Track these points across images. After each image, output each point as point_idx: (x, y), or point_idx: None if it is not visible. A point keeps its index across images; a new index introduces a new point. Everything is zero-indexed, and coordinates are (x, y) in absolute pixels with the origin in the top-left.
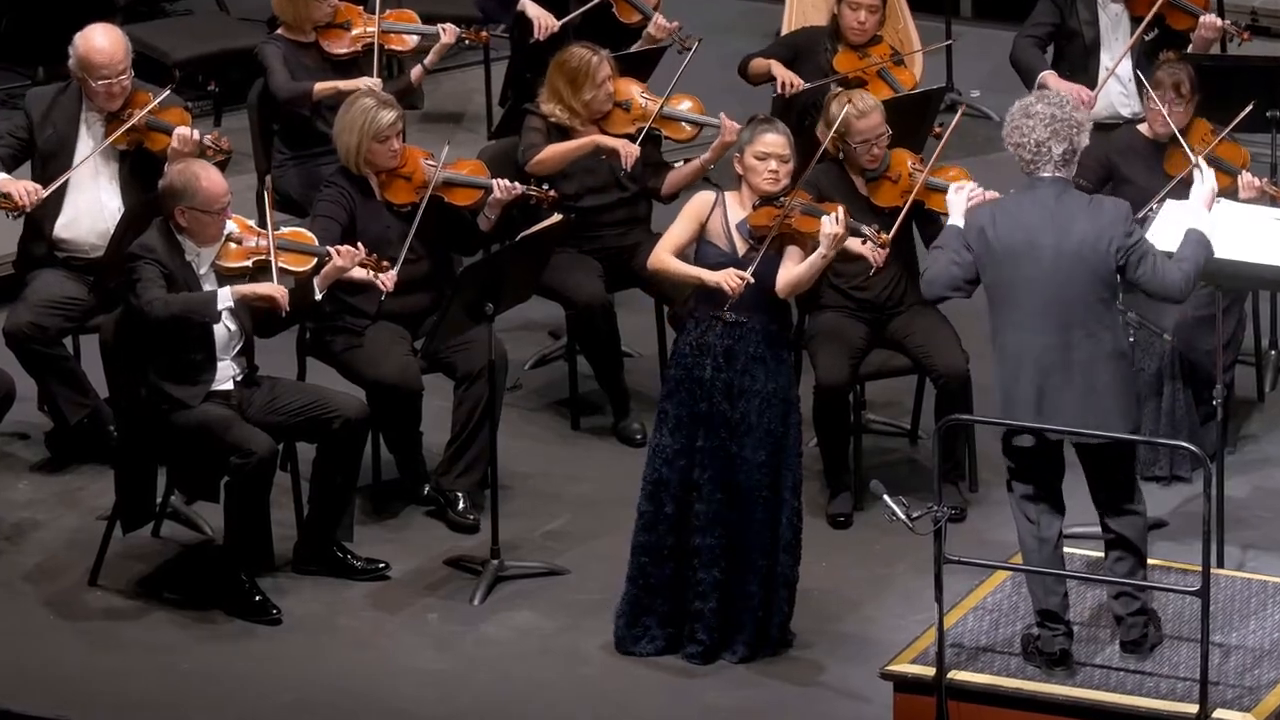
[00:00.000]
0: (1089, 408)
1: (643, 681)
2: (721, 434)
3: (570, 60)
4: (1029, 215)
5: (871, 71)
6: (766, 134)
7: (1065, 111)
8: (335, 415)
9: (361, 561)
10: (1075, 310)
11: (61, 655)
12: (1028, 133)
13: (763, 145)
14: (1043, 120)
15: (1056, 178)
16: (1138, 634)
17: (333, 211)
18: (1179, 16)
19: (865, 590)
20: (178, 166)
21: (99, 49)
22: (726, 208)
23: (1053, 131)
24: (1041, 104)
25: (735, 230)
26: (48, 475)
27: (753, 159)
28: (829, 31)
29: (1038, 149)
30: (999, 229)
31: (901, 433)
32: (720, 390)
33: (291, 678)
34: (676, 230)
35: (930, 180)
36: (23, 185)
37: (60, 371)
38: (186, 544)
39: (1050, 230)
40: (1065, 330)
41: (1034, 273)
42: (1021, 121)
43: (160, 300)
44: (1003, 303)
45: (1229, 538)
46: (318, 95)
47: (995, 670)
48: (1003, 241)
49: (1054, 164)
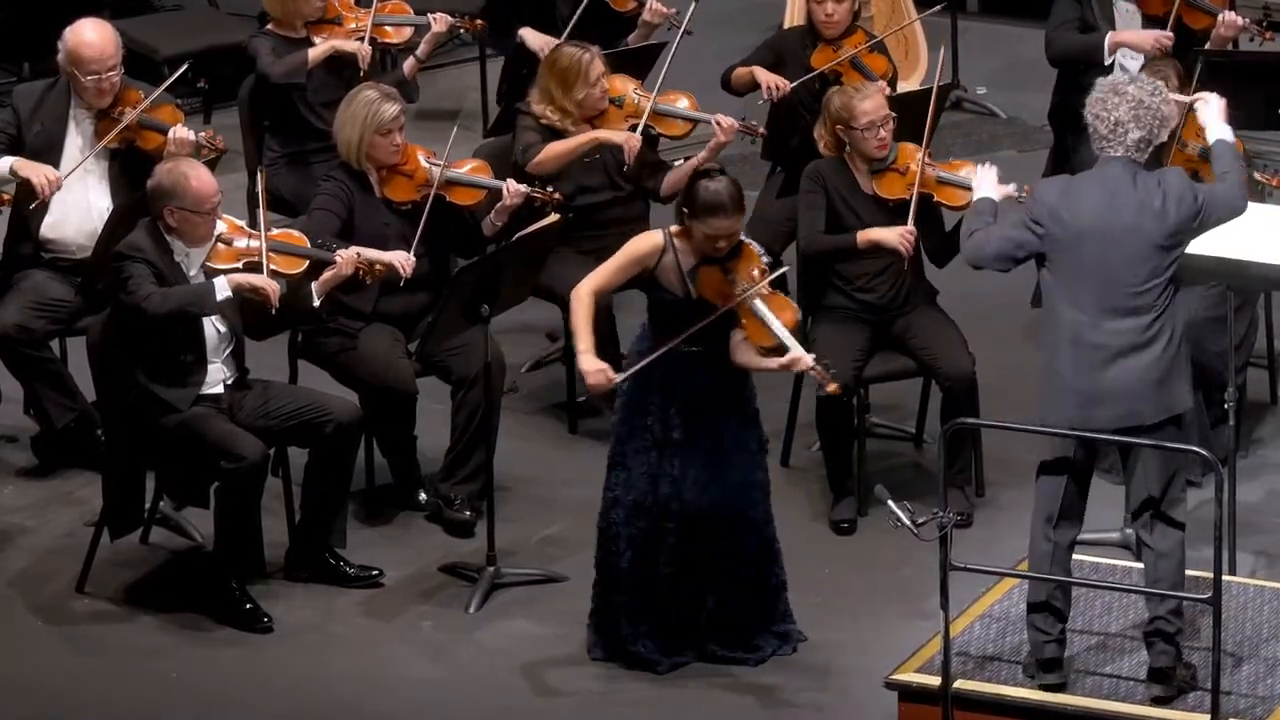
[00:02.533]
0: (1153, 392)
1: (642, 691)
2: (677, 462)
3: (561, 60)
4: (1098, 196)
5: (845, 63)
6: (715, 220)
7: (1155, 101)
8: (328, 419)
9: (354, 568)
10: (1145, 295)
11: (48, 663)
12: (1110, 109)
13: (711, 230)
14: (1129, 101)
15: (1129, 159)
16: (1168, 662)
17: (331, 205)
18: (1196, 16)
19: (869, 597)
20: (166, 166)
21: (89, 43)
22: (678, 252)
23: (1135, 116)
24: (1134, 86)
25: (687, 279)
26: (34, 480)
27: (702, 235)
28: (807, 29)
29: (1114, 128)
30: (1072, 208)
31: (906, 436)
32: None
33: (282, 687)
34: (613, 267)
35: (940, 173)
36: (42, 171)
37: (47, 374)
38: (175, 550)
39: (1123, 212)
40: (1132, 315)
41: (1105, 256)
42: (1107, 95)
43: (157, 295)
44: (1064, 287)
45: (1241, 544)
46: (313, 61)
47: (1002, 680)
48: (1076, 222)
49: (1125, 147)
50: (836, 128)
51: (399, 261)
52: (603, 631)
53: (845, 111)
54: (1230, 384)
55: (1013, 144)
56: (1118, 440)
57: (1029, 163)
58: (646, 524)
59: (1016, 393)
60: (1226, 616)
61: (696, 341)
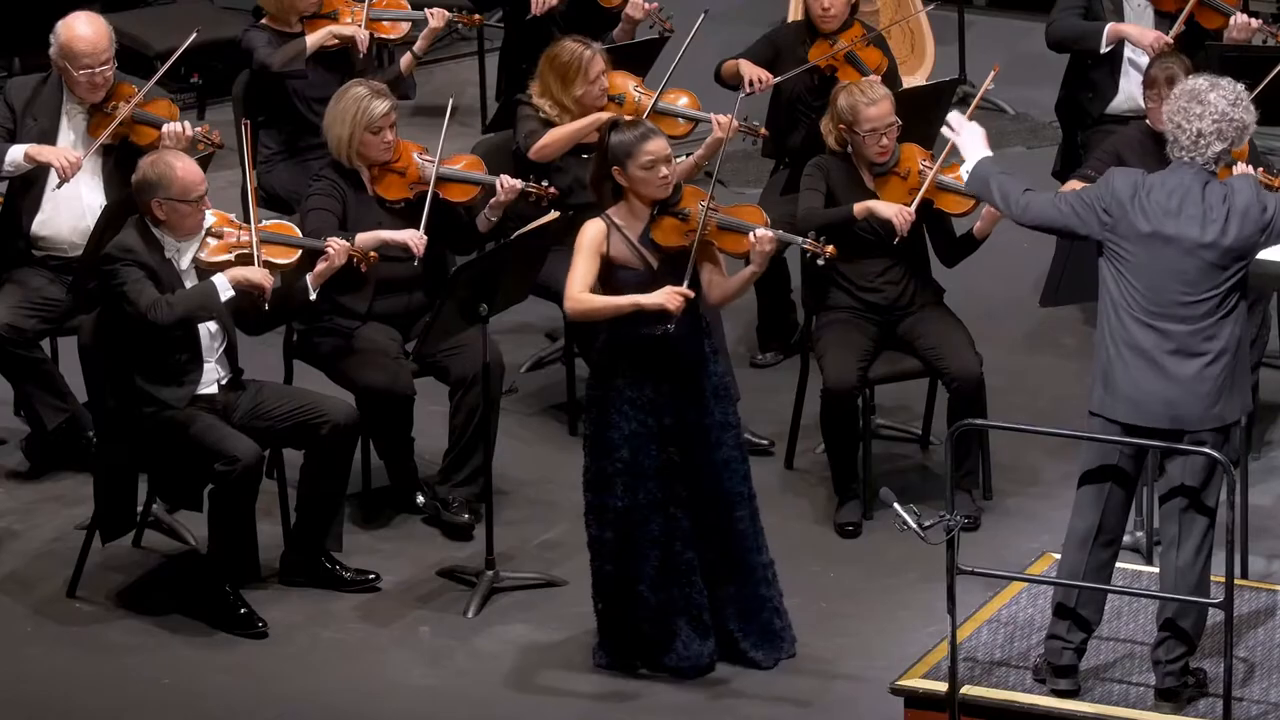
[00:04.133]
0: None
1: (642, 697)
2: (671, 448)
3: (561, 55)
4: (1167, 201)
5: (840, 57)
6: (647, 143)
7: (1237, 112)
8: (323, 420)
9: (350, 572)
10: (1198, 305)
11: (38, 669)
12: (1193, 119)
13: (648, 155)
14: (1213, 114)
15: (1202, 168)
16: (1174, 682)
17: (326, 204)
18: (1209, 15)
19: (874, 602)
20: (150, 158)
21: (82, 36)
22: (622, 227)
23: (1218, 130)
24: (1216, 93)
25: (641, 246)
26: (24, 482)
27: (640, 171)
28: (805, 23)
29: (1196, 139)
30: (1141, 206)
31: (912, 438)
32: (663, 405)
33: (277, 693)
34: (581, 268)
35: (940, 179)
36: (62, 154)
37: (38, 375)
38: (168, 554)
39: (1186, 224)
40: (1182, 322)
41: (1160, 264)
42: (1190, 104)
43: (163, 303)
44: (1120, 280)
45: (1253, 547)
46: (311, 48)
47: (1010, 685)
48: (1142, 222)
49: (1205, 159)
50: (840, 126)
51: (411, 240)
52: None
53: (850, 113)
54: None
55: (1021, 140)
56: (1126, 441)
57: (1038, 158)
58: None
59: (1024, 394)
60: (1238, 621)
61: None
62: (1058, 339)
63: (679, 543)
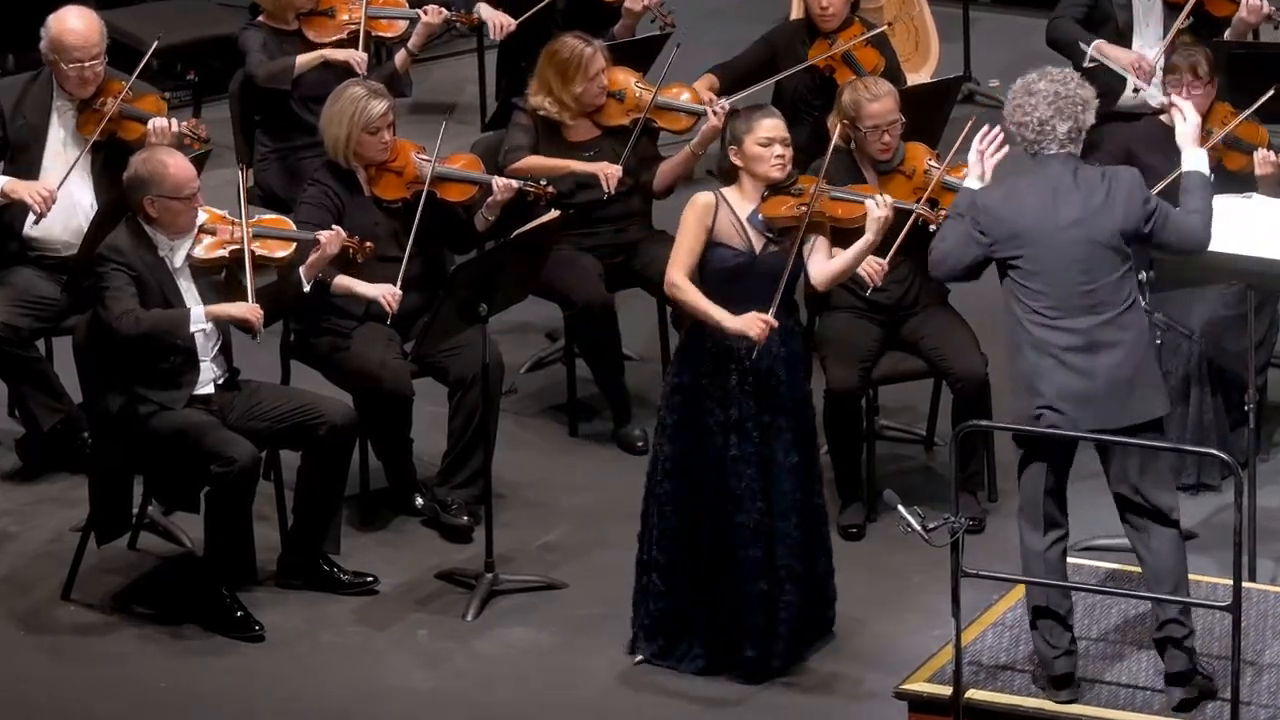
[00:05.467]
0: (1122, 395)
1: (644, 701)
2: (755, 438)
3: (561, 51)
4: (1042, 196)
5: (837, 56)
6: (765, 119)
7: (1069, 89)
8: (321, 421)
9: (348, 575)
10: (1099, 292)
11: (32, 673)
12: (1030, 111)
13: (764, 131)
14: (1045, 98)
15: (1067, 154)
16: (1184, 665)
17: (314, 215)
18: (1219, 3)
19: (878, 605)
20: (142, 155)
21: (73, 30)
22: (731, 204)
23: (1056, 110)
24: (1045, 81)
25: (748, 225)
26: (19, 484)
27: (756, 147)
28: (805, 22)
29: (1041, 128)
30: (1014, 210)
31: (916, 439)
32: (746, 396)
33: (274, 697)
34: (685, 244)
35: (946, 179)
36: (35, 189)
37: (32, 374)
38: (164, 556)
39: (1067, 209)
40: (1089, 313)
41: (1053, 256)
42: (1024, 100)
43: (131, 316)
44: (1020, 290)
45: (1261, 550)
46: (300, 68)
47: (1015, 689)
48: (1019, 223)
49: (1058, 142)
50: (845, 122)
51: (384, 298)
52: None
53: (853, 109)
54: (1250, 385)
55: None
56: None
57: None
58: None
59: None
60: (1246, 624)
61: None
62: None
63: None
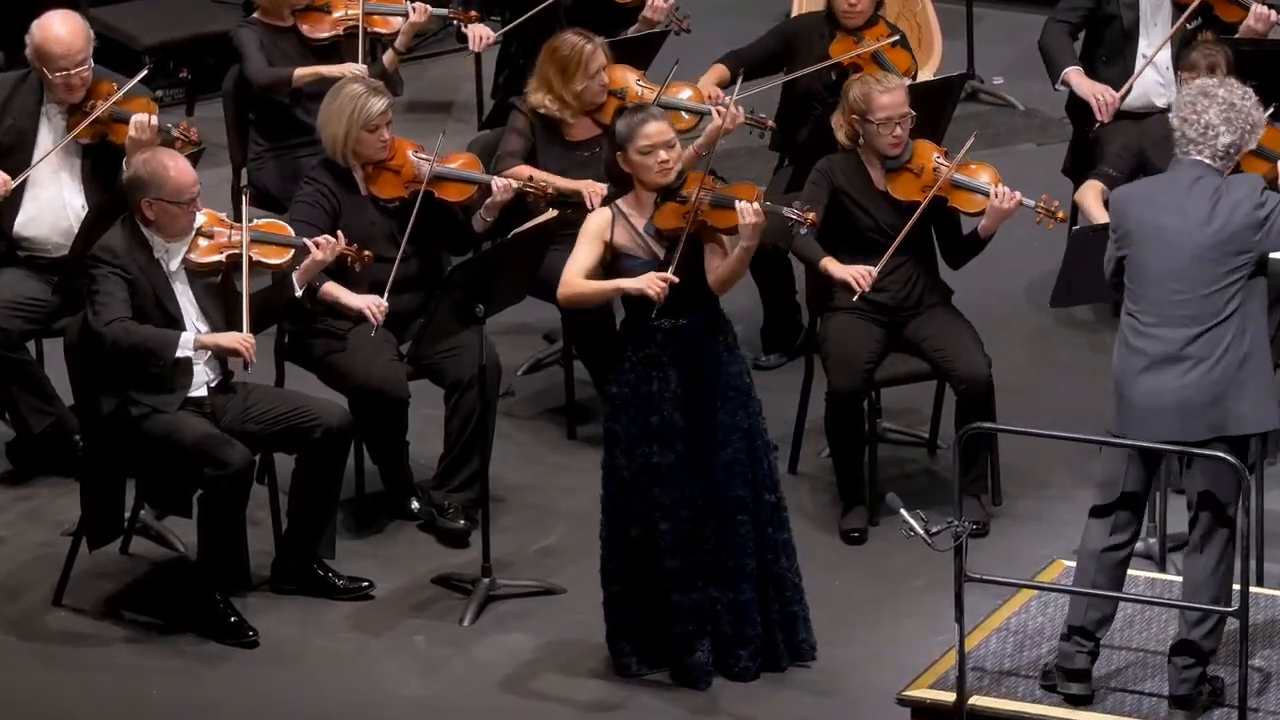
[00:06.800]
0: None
1: (642, 705)
2: (678, 447)
3: (562, 48)
4: (1162, 197)
5: (865, 55)
6: (645, 125)
7: (1246, 105)
8: (316, 424)
9: (343, 580)
10: (1191, 304)
11: (22, 679)
12: (1201, 112)
13: (645, 140)
14: (1220, 105)
15: (1200, 162)
16: (1189, 690)
17: (310, 215)
18: (1228, 8)
19: (880, 610)
20: (143, 156)
21: (56, 38)
22: (628, 216)
23: (1226, 120)
24: (1224, 89)
25: (646, 235)
26: (9, 488)
27: (638, 155)
28: (825, 16)
29: (1204, 131)
30: (1138, 209)
31: (920, 442)
32: (671, 401)
33: (268, 704)
34: (580, 254)
35: (956, 177)
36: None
37: (23, 377)
38: (157, 561)
39: (1166, 216)
40: (1180, 325)
41: (1153, 261)
42: (1197, 99)
43: (119, 326)
44: (1127, 291)
45: (1269, 554)
46: (298, 82)
47: (1019, 696)
48: (1139, 223)
49: (1213, 152)
50: (853, 118)
51: (370, 309)
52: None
53: (863, 102)
54: None
55: (1031, 136)
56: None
57: (1048, 155)
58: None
59: (1034, 397)
60: (1254, 630)
61: (679, 313)
62: (1069, 340)
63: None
